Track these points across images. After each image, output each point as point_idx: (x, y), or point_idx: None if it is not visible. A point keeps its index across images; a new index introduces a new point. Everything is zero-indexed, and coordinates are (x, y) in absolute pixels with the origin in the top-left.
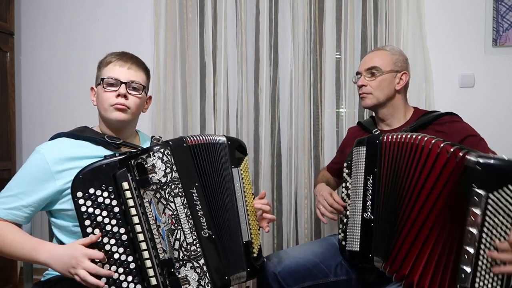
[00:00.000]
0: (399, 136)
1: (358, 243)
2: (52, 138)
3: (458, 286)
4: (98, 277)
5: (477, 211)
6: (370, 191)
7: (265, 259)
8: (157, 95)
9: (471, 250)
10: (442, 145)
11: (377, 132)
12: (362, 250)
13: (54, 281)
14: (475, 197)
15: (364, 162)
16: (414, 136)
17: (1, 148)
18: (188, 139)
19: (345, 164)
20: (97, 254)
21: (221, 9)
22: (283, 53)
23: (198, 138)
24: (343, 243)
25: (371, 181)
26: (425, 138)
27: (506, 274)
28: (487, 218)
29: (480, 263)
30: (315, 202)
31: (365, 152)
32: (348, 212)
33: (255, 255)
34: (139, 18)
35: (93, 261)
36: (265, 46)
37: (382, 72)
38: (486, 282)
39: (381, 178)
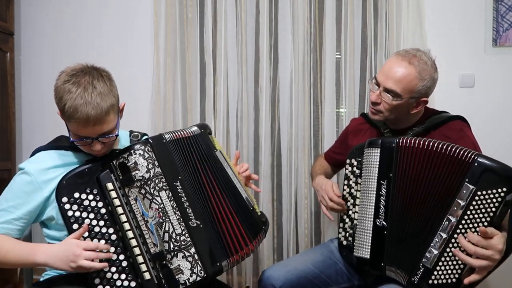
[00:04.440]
0: (416, 142)
1: (369, 251)
2: (32, 155)
3: (421, 264)
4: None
5: (462, 202)
6: (384, 197)
7: (265, 271)
8: (157, 95)
9: (444, 235)
10: (461, 152)
11: (387, 132)
12: (373, 258)
13: (53, 281)
14: (464, 191)
15: (377, 166)
16: (434, 144)
17: (1, 148)
18: (167, 135)
19: (352, 161)
20: (91, 244)
21: (221, 9)
22: (283, 53)
23: (175, 134)
24: (344, 242)
25: (385, 186)
26: (444, 146)
27: (467, 264)
28: (468, 212)
29: (448, 249)
30: (318, 198)
31: (379, 155)
32: (356, 215)
33: (259, 213)
34: (139, 18)
35: None
36: (265, 46)
37: (400, 98)
38: (447, 267)
39: (396, 184)
